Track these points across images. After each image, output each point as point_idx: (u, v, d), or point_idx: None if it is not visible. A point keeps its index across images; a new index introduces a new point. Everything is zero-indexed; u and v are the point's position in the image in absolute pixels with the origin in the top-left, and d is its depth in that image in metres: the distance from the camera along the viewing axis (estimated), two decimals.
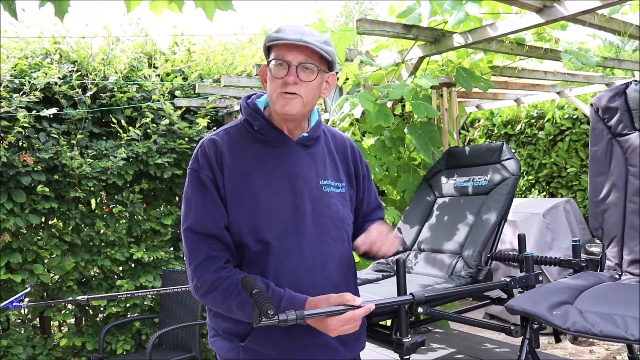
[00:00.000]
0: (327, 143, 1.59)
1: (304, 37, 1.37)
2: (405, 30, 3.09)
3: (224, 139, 1.48)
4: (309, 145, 1.52)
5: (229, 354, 1.47)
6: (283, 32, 1.38)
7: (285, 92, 1.39)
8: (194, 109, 5.01)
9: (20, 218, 3.98)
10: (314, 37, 1.39)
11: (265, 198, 1.43)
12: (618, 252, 2.22)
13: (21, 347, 3.99)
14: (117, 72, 4.62)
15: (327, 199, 1.49)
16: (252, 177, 1.44)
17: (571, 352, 4.42)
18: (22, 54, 4.43)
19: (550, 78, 4.76)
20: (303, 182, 1.46)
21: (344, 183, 1.56)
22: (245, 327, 1.44)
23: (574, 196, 6.31)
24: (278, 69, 1.39)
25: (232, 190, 1.43)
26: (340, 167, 1.58)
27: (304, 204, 1.45)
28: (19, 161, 3.90)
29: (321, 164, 1.53)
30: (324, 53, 1.39)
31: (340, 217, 1.51)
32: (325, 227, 1.48)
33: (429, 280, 2.63)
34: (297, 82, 1.38)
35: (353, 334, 1.50)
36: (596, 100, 2.35)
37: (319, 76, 1.42)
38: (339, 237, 1.51)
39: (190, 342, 4.00)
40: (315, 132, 1.53)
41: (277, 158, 1.47)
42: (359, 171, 1.63)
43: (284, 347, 1.44)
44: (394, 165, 3.51)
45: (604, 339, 1.61)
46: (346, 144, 1.64)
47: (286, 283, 1.41)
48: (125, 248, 4.46)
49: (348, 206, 1.56)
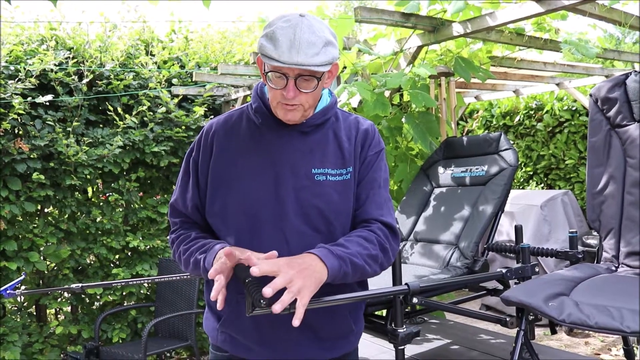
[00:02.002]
0: (335, 129, 1.48)
1: (299, 56, 1.26)
2: (404, 18, 3.06)
3: (222, 123, 1.49)
4: (308, 132, 1.44)
5: (212, 334, 1.50)
6: (277, 48, 1.27)
7: (285, 103, 1.34)
8: (191, 97, 4.99)
9: (16, 205, 3.96)
10: (312, 49, 1.27)
11: (245, 183, 1.41)
12: (615, 244, 2.20)
13: (17, 335, 3.98)
14: (114, 60, 4.58)
15: (318, 189, 1.40)
16: (239, 160, 1.43)
17: (567, 344, 4.43)
18: (18, 40, 4.39)
19: (549, 69, 4.74)
20: (290, 170, 1.40)
21: (351, 169, 1.44)
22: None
23: (572, 188, 6.30)
24: (276, 80, 1.32)
25: (219, 172, 1.43)
26: (350, 152, 1.45)
27: (285, 192, 1.39)
28: (14, 148, 3.88)
29: (320, 151, 1.44)
30: (322, 68, 1.30)
31: (333, 208, 1.41)
32: (309, 218, 1.39)
33: (424, 270, 2.62)
34: (297, 94, 1.32)
35: (336, 331, 1.47)
36: (595, 90, 2.32)
37: (319, 82, 1.34)
38: (325, 229, 1.40)
39: (186, 330, 4.00)
40: (317, 119, 1.44)
41: (267, 143, 1.44)
42: (363, 153, 1.47)
43: (251, 337, 1.42)
44: (391, 155, 3.49)
45: (599, 331, 1.59)
46: (359, 126, 1.50)
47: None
48: (121, 236, 4.45)
49: (350, 194, 1.44)
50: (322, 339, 1.45)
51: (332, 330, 1.47)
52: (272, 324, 1.39)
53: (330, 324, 1.45)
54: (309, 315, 1.33)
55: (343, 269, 1.29)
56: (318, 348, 1.45)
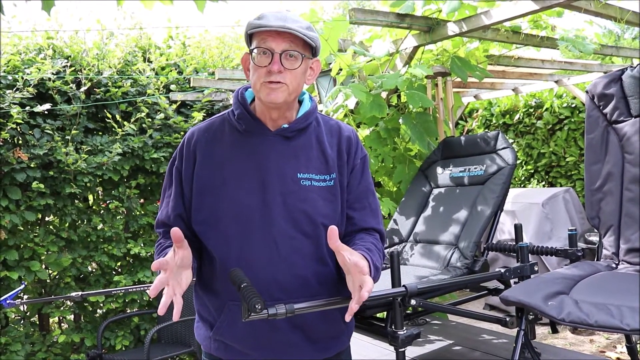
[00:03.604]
0: (318, 134, 1.49)
1: (286, 23, 1.33)
2: (399, 19, 3.05)
3: (204, 130, 1.49)
4: (291, 137, 1.45)
5: (204, 343, 1.50)
6: (265, 19, 1.34)
7: (269, 81, 1.35)
8: (189, 103, 4.98)
9: (16, 215, 3.96)
10: (297, 23, 1.35)
11: (232, 189, 1.40)
12: (615, 241, 2.19)
13: (20, 344, 3.98)
14: (112, 67, 4.58)
15: (304, 194, 1.41)
16: (224, 167, 1.42)
17: (571, 342, 4.40)
18: (15, 49, 4.40)
19: (547, 67, 4.72)
20: (276, 175, 1.40)
21: (334, 175, 1.45)
22: (212, 315, 1.45)
23: (573, 185, 6.28)
24: (261, 58, 1.35)
25: (204, 179, 1.43)
26: (332, 159, 1.47)
27: (272, 197, 1.39)
28: (13, 158, 3.88)
29: (304, 156, 1.44)
30: (308, 39, 1.36)
31: (319, 212, 1.41)
32: (297, 222, 1.39)
33: (425, 271, 2.61)
34: (282, 70, 1.34)
35: (329, 332, 1.48)
36: (591, 87, 2.31)
37: (303, 63, 1.38)
38: (314, 233, 1.40)
39: (189, 336, 3.99)
40: (300, 124, 1.46)
41: (252, 148, 1.43)
42: (350, 161, 1.50)
43: (247, 342, 1.41)
44: (389, 157, 3.48)
45: (599, 329, 1.58)
46: (340, 134, 1.52)
47: (248, 278, 1.32)
48: (122, 243, 4.45)
49: (335, 201, 1.45)
50: (316, 340, 1.46)
51: (325, 331, 1.47)
52: (267, 328, 1.38)
53: (323, 325, 1.46)
54: (302, 318, 1.37)
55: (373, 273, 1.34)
56: (312, 350, 1.45)
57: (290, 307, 1.27)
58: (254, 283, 1.31)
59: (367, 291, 1.19)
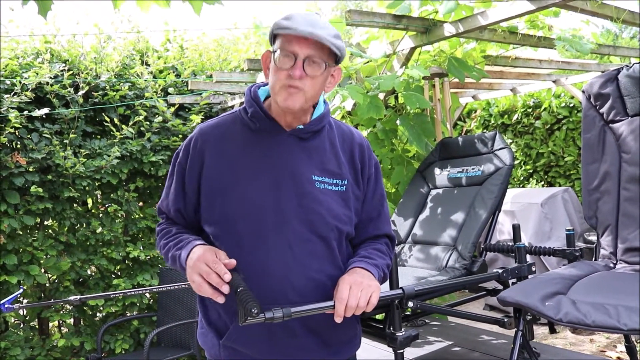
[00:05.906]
0: (331, 137, 1.48)
1: (315, 30, 1.29)
2: (396, 20, 3.06)
3: (213, 127, 1.47)
4: (306, 138, 1.43)
5: (212, 351, 1.47)
6: (293, 21, 1.30)
7: (289, 85, 1.32)
8: (187, 106, 4.99)
9: (15, 219, 3.96)
10: (325, 30, 1.31)
11: (244, 188, 1.38)
12: (612, 240, 2.19)
13: (19, 349, 3.98)
14: (109, 71, 4.59)
15: (320, 196, 1.40)
16: (236, 165, 1.40)
17: (571, 342, 4.40)
18: (13, 53, 4.40)
19: (545, 66, 4.72)
20: (290, 175, 1.38)
21: (346, 182, 1.45)
22: (222, 321, 1.43)
23: (572, 185, 6.28)
24: (284, 60, 1.32)
25: (215, 178, 1.41)
26: (345, 165, 1.47)
27: (287, 198, 1.37)
28: (11, 162, 3.88)
29: (318, 158, 1.43)
30: (334, 48, 1.33)
31: (334, 215, 1.41)
32: (312, 224, 1.38)
33: (423, 272, 2.61)
34: (303, 76, 1.32)
35: (342, 337, 1.48)
36: (588, 86, 2.31)
37: (325, 71, 1.36)
38: (328, 235, 1.40)
39: (189, 339, 3.99)
40: (315, 125, 1.44)
41: (266, 148, 1.41)
42: (365, 171, 1.51)
43: (262, 346, 1.40)
44: (387, 158, 3.48)
45: (596, 329, 1.58)
46: (354, 140, 1.52)
47: (258, 281, 1.34)
48: (121, 247, 4.45)
49: (347, 206, 1.45)
50: (330, 345, 1.46)
51: (339, 336, 1.48)
52: (285, 334, 1.39)
53: (338, 330, 1.46)
54: (316, 322, 1.39)
55: (380, 276, 1.43)
56: (326, 353, 1.46)
57: (287, 311, 1.26)
58: (268, 285, 1.33)
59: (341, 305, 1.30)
